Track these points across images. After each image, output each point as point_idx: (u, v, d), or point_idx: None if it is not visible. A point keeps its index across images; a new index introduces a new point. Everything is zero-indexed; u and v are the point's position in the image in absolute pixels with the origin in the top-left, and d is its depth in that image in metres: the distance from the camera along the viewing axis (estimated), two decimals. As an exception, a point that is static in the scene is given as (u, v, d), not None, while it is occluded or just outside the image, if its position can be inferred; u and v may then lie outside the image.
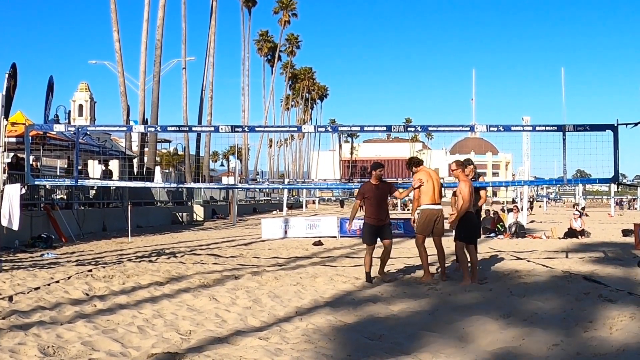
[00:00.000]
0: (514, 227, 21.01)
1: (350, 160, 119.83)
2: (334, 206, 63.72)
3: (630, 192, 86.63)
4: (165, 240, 19.75)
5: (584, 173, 55.13)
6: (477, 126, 13.07)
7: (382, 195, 10.03)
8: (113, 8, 33.10)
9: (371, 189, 9.97)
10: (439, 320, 6.86)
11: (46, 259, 13.41)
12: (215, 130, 13.56)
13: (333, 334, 6.21)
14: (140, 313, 7.23)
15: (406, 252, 15.45)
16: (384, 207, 10.19)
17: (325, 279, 10.13)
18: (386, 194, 10.13)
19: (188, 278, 10.12)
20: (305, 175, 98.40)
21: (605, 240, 18.87)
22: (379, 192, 9.99)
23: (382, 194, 10.04)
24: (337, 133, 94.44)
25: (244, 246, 17.40)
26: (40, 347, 5.48)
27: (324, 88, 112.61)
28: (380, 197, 10.03)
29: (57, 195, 21.29)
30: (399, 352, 5.53)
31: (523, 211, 26.51)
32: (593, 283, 9.12)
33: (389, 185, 10.36)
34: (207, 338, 5.93)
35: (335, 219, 21.92)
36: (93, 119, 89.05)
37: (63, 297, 8.24)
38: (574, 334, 5.95)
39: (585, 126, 11.71)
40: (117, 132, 31.59)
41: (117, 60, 33.65)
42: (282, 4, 77.36)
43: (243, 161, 72.90)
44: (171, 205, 33.53)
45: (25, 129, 13.66)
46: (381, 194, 10.01)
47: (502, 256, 13.83)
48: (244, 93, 67.34)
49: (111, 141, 31.73)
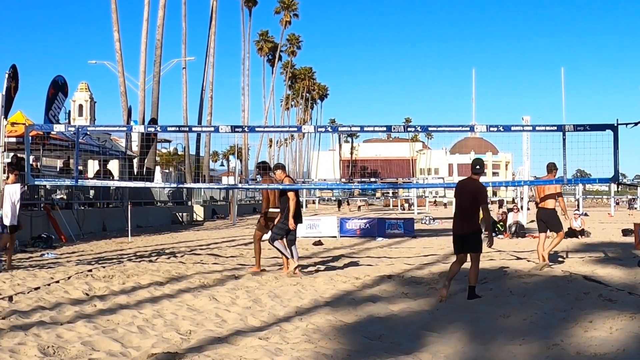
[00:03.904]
0: (514, 227, 21.00)
1: (350, 160, 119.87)
2: (334, 206, 63.72)
3: (630, 192, 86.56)
4: (165, 240, 19.75)
5: (584, 173, 55.06)
6: (477, 126, 13.07)
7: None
8: (113, 8, 33.09)
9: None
10: (439, 320, 6.87)
11: (46, 259, 13.42)
12: (215, 131, 13.56)
13: (333, 333, 6.21)
14: (140, 313, 7.23)
15: (406, 252, 15.48)
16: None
17: (325, 279, 10.13)
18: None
19: (188, 278, 10.12)
20: (305, 175, 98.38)
21: (605, 240, 18.84)
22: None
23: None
24: (337, 133, 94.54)
25: (244, 246, 17.39)
26: (40, 347, 5.48)
27: (324, 88, 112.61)
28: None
29: (57, 195, 21.29)
30: (399, 352, 5.54)
31: (523, 211, 26.50)
32: (593, 283, 9.13)
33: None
34: (207, 338, 5.93)
35: (335, 219, 21.95)
36: (93, 119, 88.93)
37: (63, 297, 8.25)
38: (574, 334, 5.95)
39: (585, 126, 11.70)
40: (117, 132, 31.56)
41: (117, 60, 33.63)
42: (284, 5, 77.33)
43: (243, 161, 72.90)
44: (171, 205, 33.54)
45: (26, 129, 13.66)
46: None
47: (502, 256, 13.83)
48: (244, 93, 67.37)
49: (111, 141, 31.74)
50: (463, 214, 8.33)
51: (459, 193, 8.59)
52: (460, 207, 8.49)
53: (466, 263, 8.32)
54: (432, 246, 17.04)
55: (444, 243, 18.04)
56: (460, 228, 8.29)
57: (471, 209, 8.26)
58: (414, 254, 14.88)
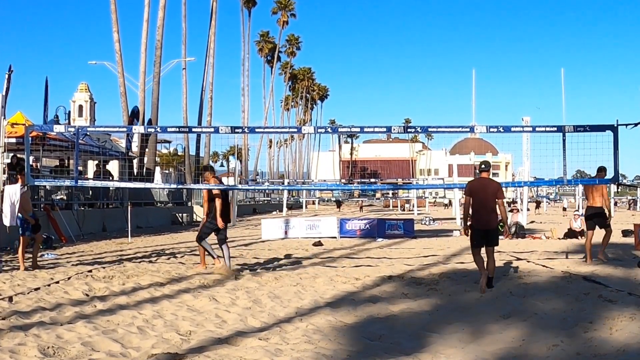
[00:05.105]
0: (513, 227, 20.99)
1: (350, 160, 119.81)
2: (334, 206, 63.70)
3: (630, 193, 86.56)
4: (165, 240, 19.75)
5: (584, 173, 55.03)
6: (477, 127, 13.08)
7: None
8: (113, 8, 33.10)
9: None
10: (439, 320, 6.87)
11: (46, 260, 13.41)
12: (215, 131, 13.55)
13: (333, 334, 6.21)
14: (140, 313, 7.23)
15: (406, 252, 15.48)
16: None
17: (325, 280, 10.13)
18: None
19: (188, 278, 10.12)
20: (305, 175, 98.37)
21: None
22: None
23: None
24: (337, 134, 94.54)
25: (244, 246, 17.40)
26: (40, 347, 5.48)
27: (324, 88, 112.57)
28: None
29: (57, 196, 21.29)
30: (399, 352, 5.54)
31: (523, 211, 26.51)
32: (593, 283, 9.13)
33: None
34: (207, 338, 5.93)
35: (335, 219, 21.96)
36: (93, 120, 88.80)
37: (63, 297, 8.24)
38: (574, 335, 5.95)
39: (585, 127, 11.70)
40: (117, 132, 31.56)
41: (117, 61, 33.62)
42: (281, 5, 77.25)
43: (243, 162, 72.94)
44: (171, 205, 33.53)
45: (25, 129, 13.65)
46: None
47: (502, 256, 13.82)
48: (244, 93, 67.40)
49: (111, 142, 31.74)
50: (489, 209, 9.04)
51: (481, 191, 9.12)
52: (484, 204, 9.05)
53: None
54: (432, 247, 17.04)
55: (444, 244, 18.05)
56: (487, 223, 9.02)
57: (493, 205, 9.04)
58: (413, 254, 14.88)
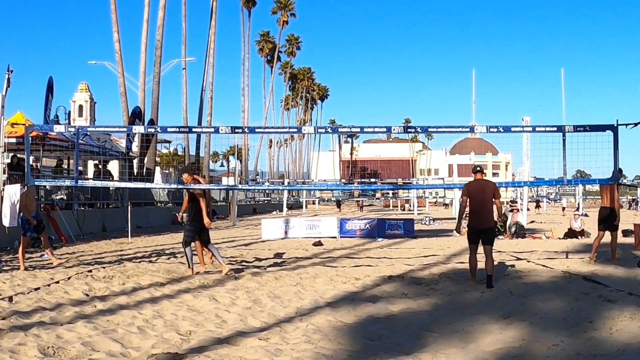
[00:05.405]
0: (514, 227, 21.00)
1: (350, 160, 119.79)
2: (334, 206, 63.69)
3: (630, 193, 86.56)
4: (165, 240, 19.73)
5: (584, 173, 55.02)
6: (477, 127, 13.07)
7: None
8: (113, 8, 33.11)
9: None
10: (439, 320, 6.87)
11: (46, 260, 13.40)
12: (215, 131, 13.55)
13: (333, 334, 6.21)
14: (140, 313, 7.23)
15: (406, 252, 15.48)
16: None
17: (325, 280, 10.13)
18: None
19: (188, 278, 10.12)
20: (305, 175, 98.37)
21: (605, 240, 18.82)
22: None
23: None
24: (337, 134, 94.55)
25: (244, 246, 17.40)
26: (40, 347, 5.48)
27: (324, 88, 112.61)
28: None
29: (57, 196, 21.29)
30: (399, 352, 5.54)
31: (523, 211, 26.50)
32: (593, 283, 9.13)
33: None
34: (207, 338, 5.93)
35: (335, 219, 21.96)
36: (93, 120, 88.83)
37: (63, 297, 8.25)
38: (574, 334, 5.95)
39: (585, 126, 11.70)
40: (117, 132, 31.57)
41: (117, 61, 33.63)
42: (280, 4, 77.23)
43: (243, 162, 72.95)
44: (171, 205, 33.52)
45: (26, 129, 13.66)
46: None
47: (502, 256, 13.81)
48: (244, 93, 67.42)
49: (111, 142, 31.75)
50: (488, 209, 9.46)
51: (480, 192, 9.53)
52: (483, 205, 9.47)
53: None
54: (432, 247, 17.04)
55: (444, 244, 18.04)
56: (486, 222, 9.47)
57: (491, 205, 9.49)
58: (413, 254, 14.88)
